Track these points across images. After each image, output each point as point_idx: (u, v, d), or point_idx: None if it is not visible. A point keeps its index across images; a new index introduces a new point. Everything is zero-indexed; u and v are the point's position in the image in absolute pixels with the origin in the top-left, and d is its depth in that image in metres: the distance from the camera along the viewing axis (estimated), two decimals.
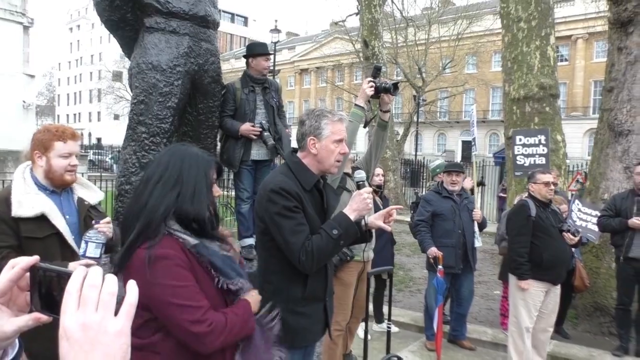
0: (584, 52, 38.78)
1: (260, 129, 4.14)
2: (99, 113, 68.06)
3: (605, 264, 5.77)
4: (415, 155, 29.27)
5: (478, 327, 5.72)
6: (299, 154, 2.38)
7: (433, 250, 4.72)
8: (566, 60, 38.77)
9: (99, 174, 14.34)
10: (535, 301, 4.20)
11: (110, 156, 31.30)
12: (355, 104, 3.34)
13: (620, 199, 5.02)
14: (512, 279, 4.34)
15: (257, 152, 4.28)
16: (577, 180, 13.00)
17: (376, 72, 3.33)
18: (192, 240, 1.63)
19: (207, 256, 1.62)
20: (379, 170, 5.56)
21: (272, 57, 4.52)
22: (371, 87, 3.21)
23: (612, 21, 6.19)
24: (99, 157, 32.25)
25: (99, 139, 55.73)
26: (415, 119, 29.51)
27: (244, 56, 4.42)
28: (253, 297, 1.77)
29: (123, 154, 3.42)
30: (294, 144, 2.58)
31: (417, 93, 28.75)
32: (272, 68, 25.04)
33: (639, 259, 4.77)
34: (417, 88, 28.47)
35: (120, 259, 1.63)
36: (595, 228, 5.28)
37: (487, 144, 42.08)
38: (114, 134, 44.02)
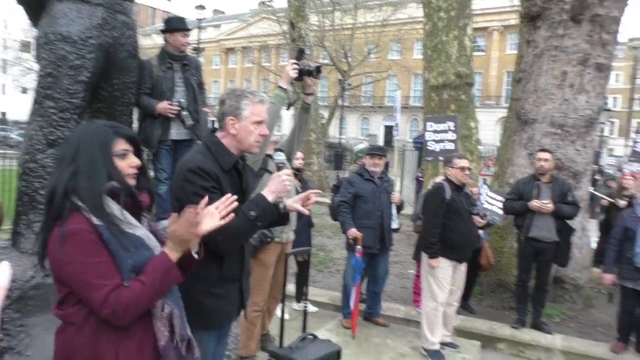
0: (499, 43, 40.89)
1: (179, 108, 4.03)
2: (4, 86, 62.83)
3: (509, 244, 6.20)
4: (340, 138, 29.70)
5: (392, 304, 5.97)
6: (218, 134, 2.35)
7: (353, 232, 4.85)
8: (482, 50, 40.67)
9: (3, 151, 13.32)
10: (445, 276, 4.45)
11: (16, 132, 29.15)
12: (278, 86, 3.35)
13: (523, 183, 5.41)
14: (424, 257, 4.56)
15: (177, 132, 4.17)
16: (488, 166, 13.78)
17: (299, 55, 3.34)
18: (94, 219, 1.59)
19: (105, 237, 1.58)
20: (299, 154, 5.60)
21: (190, 33, 4.39)
22: (294, 69, 3.22)
23: (523, 15, 6.59)
24: (4, 133, 29.94)
25: (3, 114, 51.62)
26: (340, 102, 29.87)
27: (162, 31, 4.26)
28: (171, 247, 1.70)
29: (28, 130, 3.21)
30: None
31: (343, 77, 29.06)
32: (196, 46, 24.32)
33: (538, 238, 5.18)
34: (342, 72, 28.76)
35: (38, 243, 1.68)
36: (501, 212, 5.66)
37: (408, 129, 43.45)
38: (21, 108, 40.93)
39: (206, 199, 1.78)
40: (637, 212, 4.72)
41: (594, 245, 7.27)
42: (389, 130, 42.03)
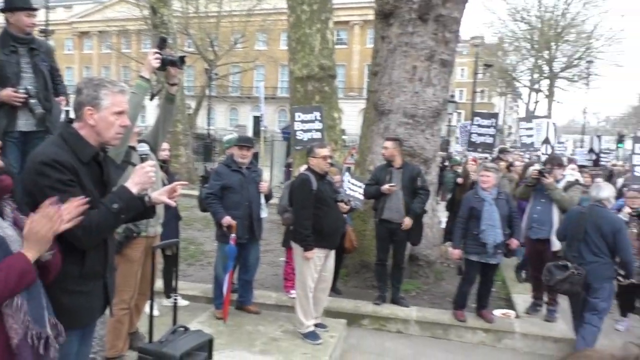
0: (360, 37, 42.93)
1: (26, 96, 3.71)
2: None
3: (370, 227, 6.64)
4: (208, 129, 29.08)
5: (264, 292, 6.11)
6: (75, 125, 2.25)
7: (227, 219, 4.87)
8: (344, 44, 42.40)
9: None
10: (316, 265, 4.66)
11: None
12: (140, 76, 3.24)
13: (379, 169, 5.85)
14: (296, 247, 4.72)
15: (26, 123, 3.84)
16: (352, 155, 14.48)
17: (162, 44, 3.26)
18: None
19: None
20: (165, 145, 5.45)
21: (37, 13, 4.03)
22: (157, 59, 3.14)
23: (377, 12, 7.04)
24: None
25: None
26: (207, 92, 29.21)
27: (1, 10, 3.87)
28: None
29: None
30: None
31: (210, 66, 28.44)
32: (45, 28, 22.05)
33: (390, 220, 5.64)
34: (209, 61, 28.13)
35: None
36: (362, 197, 6.06)
37: (276, 120, 43.86)
38: None
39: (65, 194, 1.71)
40: (480, 193, 5.35)
41: (443, 224, 8.06)
42: (257, 120, 42.02)
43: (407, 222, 5.56)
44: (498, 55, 36.21)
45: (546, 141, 9.24)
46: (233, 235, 4.86)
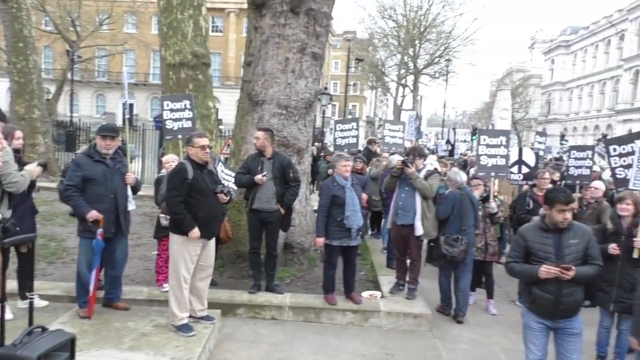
0: (236, 25, 42.35)
1: None
2: None
3: (245, 217, 6.67)
4: (71, 116, 26.83)
5: (135, 287, 5.87)
6: None
7: (94, 213, 4.60)
8: (221, 31, 41.59)
9: None
10: (192, 255, 4.58)
11: None
12: None
13: (251, 159, 5.89)
14: (172, 236, 4.61)
15: None
16: (229, 145, 14.33)
17: None
18: None
19: None
20: (18, 133, 5.00)
21: None
22: None
23: (250, 2, 7.03)
24: None
25: None
26: (69, 76, 26.90)
27: None
28: None
29: None
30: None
31: (71, 48, 26.21)
32: None
33: (261, 209, 5.73)
34: (70, 42, 25.92)
35: None
36: (235, 187, 6.06)
37: (148, 108, 41.85)
38: None
39: None
40: (339, 181, 5.61)
41: None
42: (128, 108, 39.71)
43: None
44: (369, 50, 37.99)
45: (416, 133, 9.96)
46: (100, 230, 4.61)
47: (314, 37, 6.75)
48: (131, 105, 42.34)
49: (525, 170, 7.68)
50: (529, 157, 7.70)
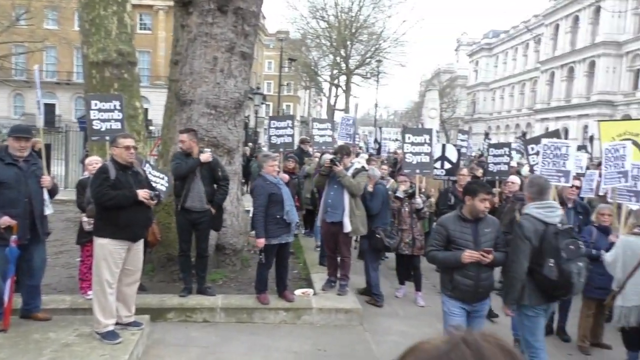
0: (165, 23, 41.17)
1: None
2: None
3: (176, 219, 6.53)
4: None
5: (56, 296, 5.60)
6: None
7: (6, 219, 4.35)
8: (149, 29, 40.32)
9: None
10: (116, 259, 4.43)
11: None
12: None
13: (180, 154, 5.77)
14: (96, 240, 4.46)
15: None
16: (159, 146, 13.94)
17: None
18: None
19: None
20: None
21: None
22: None
23: (176, 0, 6.88)
24: None
25: None
26: None
27: None
28: None
29: None
30: None
31: None
32: None
33: (192, 209, 5.64)
34: None
35: None
36: (164, 188, 5.91)
37: (72, 108, 39.89)
38: None
39: None
40: (272, 179, 5.63)
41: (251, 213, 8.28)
42: (50, 108, 37.68)
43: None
44: (302, 50, 38.14)
45: (350, 136, 10.07)
46: (14, 236, 4.36)
47: (243, 37, 6.71)
48: (53, 106, 40.26)
49: (447, 166, 8.01)
50: (452, 154, 8.04)
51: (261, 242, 5.56)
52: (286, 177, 7.02)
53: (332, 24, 35.00)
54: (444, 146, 8.40)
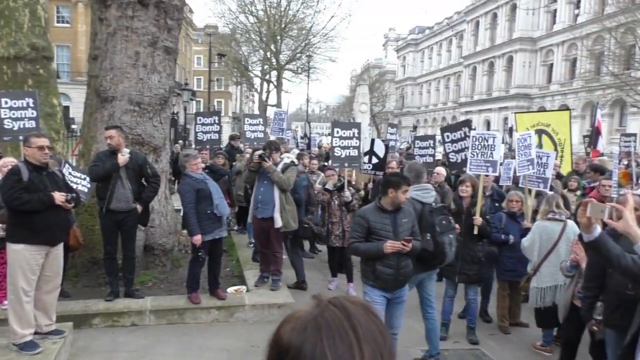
0: (85, 16, 39.11)
1: None
2: None
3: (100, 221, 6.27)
4: None
5: None
6: None
7: None
8: (68, 22, 38.25)
9: None
10: (32, 265, 4.19)
11: None
12: None
13: (104, 155, 5.54)
14: (9, 246, 4.22)
15: None
16: (80, 146, 13.30)
17: None
18: None
19: None
20: None
21: None
22: None
23: None
24: None
25: None
26: None
27: None
28: None
29: None
30: None
31: None
32: None
33: (118, 210, 5.45)
34: None
35: None
36: (86, 189, 5.67)
37: None
38: None
39: None
40: (197, 176, 5.55)
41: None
42: None
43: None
44: (232, 45, 37.55)
45: (282, 130, 10.04)
46: None
47: (166, 31, 6.53)
48: None
49: (375, 160, 8.21)
50: (380, 148, 8.24)
51: (198, 239, 5.45)
52: None
53: (261, 18, 34.68)
54: (372, 141, 8.59)
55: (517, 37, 48.69)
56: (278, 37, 34.38)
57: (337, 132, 7.45)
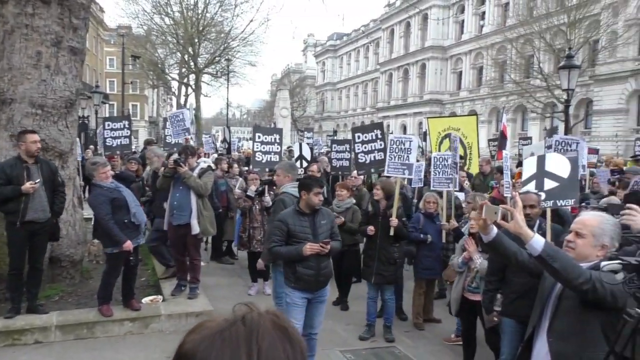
0: None
1: None
2: None
3: (1, 232, 5.81)
4: None
5: None
6: None
7: None
8: None
9: None
10: None
11: None
12: None
13: (9, 166, 5.12)
14: None
15: None
16: None
17: None
18: None
19: None
20: None
21: None
22: None
23: None
24: None
25: None
26: None
27: None
28: None
29: None
30: None
31: None
32: None
33: (35, 220, 5.08)
34: None
35: None
36: None
37: None
38: None
39: None
40: (109, 185, 5.30)
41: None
42: None
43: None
44: (147, 47, 36.23)
45: (186, 130, 9.66)
46: None
47: (71, 30, 6.18)
48: None
49: (305, 164, 8.25)
50: (307, 152, 8.31)
51: (128, 245, 5.18)
52: None
53: (177, 20, 33.71)
54: (300, 145, 8.64)
55: (429, 45, 51.04)
56: (196, 40, 33.61)
57: (259, 137, 7.41)
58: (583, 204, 5.66)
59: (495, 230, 2.54)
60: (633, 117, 32.21)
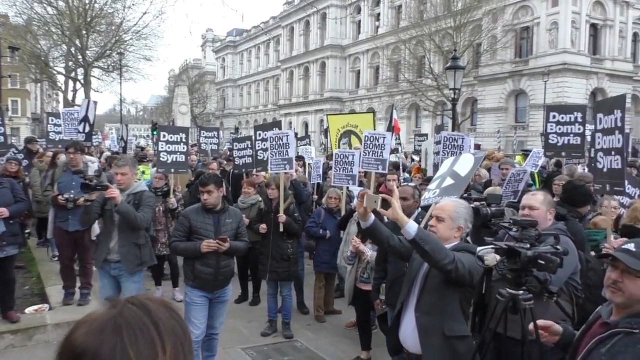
0: None
1: None
2: None
3: None
4: None
5: None
6: None
7: None
8: None
9: None
10: None
11: None
12: None
13: None
14: None
15: None
16: None
17: None
18: None
19: None
20: None
21: None
22: None
23: None
24: None
25: None
26: None
27: None
28: None
29: None
30: None
31: None
32: None
33: None
34: None
35: None
36: None
37: None
38: None
39: None
40: None
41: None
42: None
43: None
44: (27, 38, 33.27)
45: (85, 119, 9.00)
46: None
47: None
48: None
49: None
50: None
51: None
52: None
53: (62, 10, 31.32)
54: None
55: (328, 44, 52.07)
56: (84, 32, 31.44)
57: (164, 136, 7.03)
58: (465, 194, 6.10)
59: (372, 217, 2.71)
60: (511, 115, 35.27)
